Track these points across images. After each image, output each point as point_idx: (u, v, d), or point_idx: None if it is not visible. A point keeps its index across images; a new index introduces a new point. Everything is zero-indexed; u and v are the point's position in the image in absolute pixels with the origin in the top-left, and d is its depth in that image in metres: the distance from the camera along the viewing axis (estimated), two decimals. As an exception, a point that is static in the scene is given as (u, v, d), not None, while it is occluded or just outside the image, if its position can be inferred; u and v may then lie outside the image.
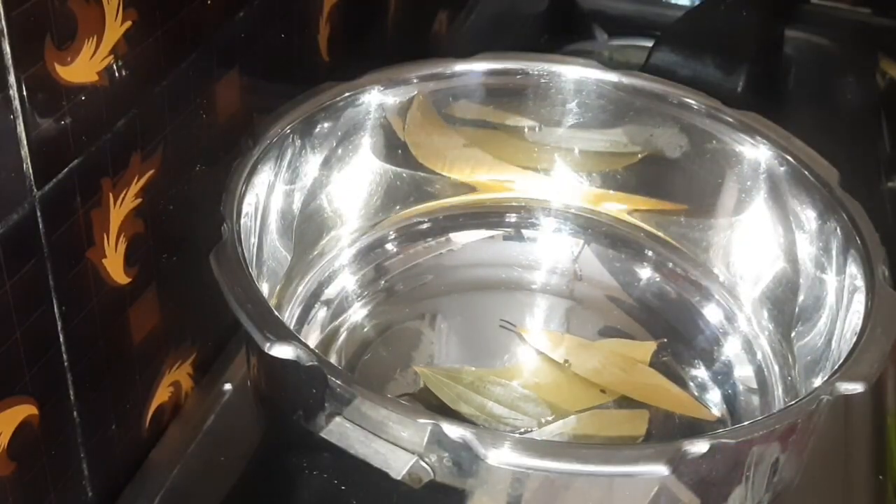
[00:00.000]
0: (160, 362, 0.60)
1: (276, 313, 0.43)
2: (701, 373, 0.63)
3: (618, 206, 0.71)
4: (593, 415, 0.60)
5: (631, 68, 0.70)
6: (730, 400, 0.61)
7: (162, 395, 0.61)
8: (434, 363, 0.62)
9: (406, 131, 0.67)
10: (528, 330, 0.66)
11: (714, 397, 0.62)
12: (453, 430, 0.38)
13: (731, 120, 0.64)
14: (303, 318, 0.63)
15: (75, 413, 0.52)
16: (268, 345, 0.41)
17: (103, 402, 0.55)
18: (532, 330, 0.66)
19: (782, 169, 0.61)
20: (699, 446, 0.39)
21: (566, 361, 0.63)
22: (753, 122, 0.64)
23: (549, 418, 0.59)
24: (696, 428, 0.60)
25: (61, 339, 0.49)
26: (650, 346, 0.65)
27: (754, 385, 0.61)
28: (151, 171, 0.53)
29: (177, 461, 0.59)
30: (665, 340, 0.65)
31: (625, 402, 0.61)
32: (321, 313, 0.63)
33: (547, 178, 0.72)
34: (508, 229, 0.71)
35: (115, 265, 0.52)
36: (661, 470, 0.38)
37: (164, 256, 0.57)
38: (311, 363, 0.40)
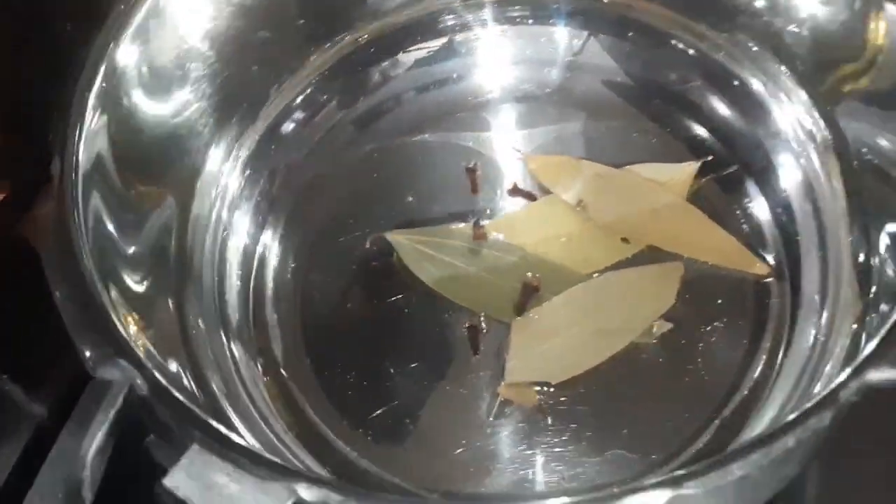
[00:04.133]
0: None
1: (113, 314, 0.33)
2: (754, 207, 0.51)
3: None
4: (609, 278, 0.49)
5: None
6: (789, 243, 0.50)
7: None
8: (405, 223, 0.52)
9: None
10: (533, 157, 0.54)
11: (770, 239, 0.50)
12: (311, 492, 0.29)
13: None
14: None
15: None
16: (90, 362, 0.32)
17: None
18: (532, 156, 0.54)
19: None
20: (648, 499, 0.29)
21: (580, 202, 0.52)
22: None
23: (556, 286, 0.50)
24: (742, 287, 0.49)
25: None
26: (689, 171, 0.52)
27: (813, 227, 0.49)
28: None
29: None
30: (710, 158, 0.53)
31: (653, 253, 0.50)
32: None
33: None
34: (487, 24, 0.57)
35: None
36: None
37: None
38: (143, 392, 0.31)
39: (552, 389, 0.47)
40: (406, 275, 0.50)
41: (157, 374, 0.32)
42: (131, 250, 0.42)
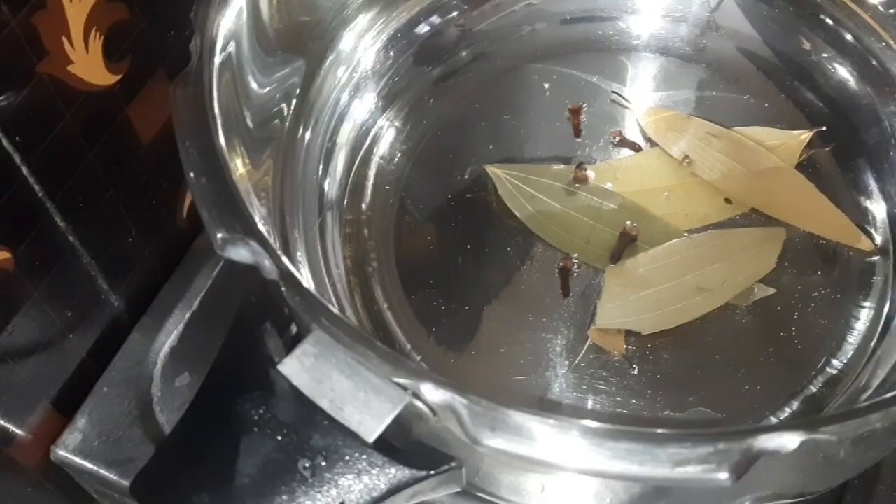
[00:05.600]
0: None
1: (243, 193, 0.33)
2: (865, 181, 0.50)
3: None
4: (710, 236, 0.49)
5: None
6: (896, 223, 0.49)
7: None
8: (506, 159, 0.52)
9: None
10: (639, 107, 0.54)
11: (878, 215, 0.50)
12: (437, 393, 0.29)
13: None
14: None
15: (71, 238, 0.47)
16: (220, 242, 0.32)
17: (108, 215, 0.49)
18: (643, 107, 0.54)
19: None
20: (783, 440, 0.29)
21: (685, 158, 0.51)
22: None
23: (654, 238, 0.49)
24: (845, 261, 0.48)
25: (25, 172, 0.42)
26: (801, 138, 0.52)
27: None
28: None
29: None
30: (824, 129, 0.52)
31: (756, 217, 0.50)
32: (359, 102, 0.53)
33: None
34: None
35: (90, 67, 0.44)
36: (721, 478, 0.28)
37: (168, 35, 0.48)
38: (272, 277, 0.31)
39: (640, 341, 0.46)
40: (501, 210, 0.50)
41: (285, 259, 0.32)
42: (257, 118, 0.42)
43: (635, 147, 0.53)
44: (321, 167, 0.50)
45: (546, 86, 0.54)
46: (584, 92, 0.54)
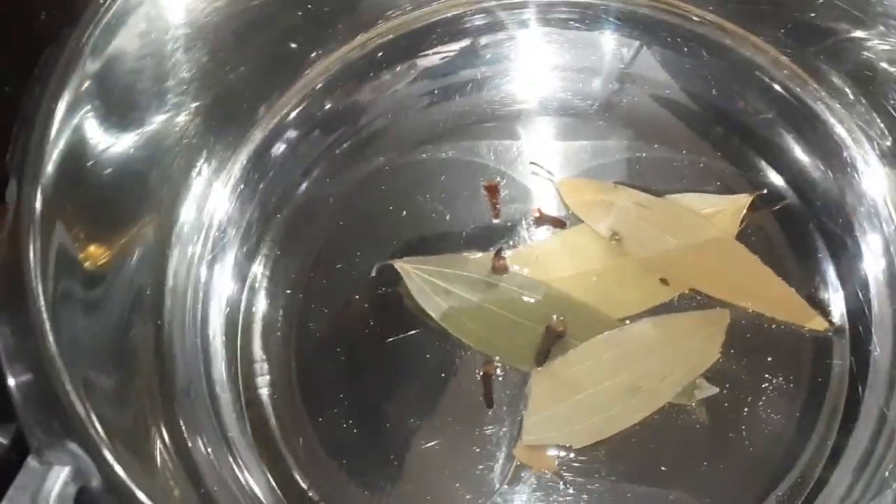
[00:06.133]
0: None
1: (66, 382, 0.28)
2: (815, 248, 0.45)
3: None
4: (644, 326, 0.44)
5: None
6: (853, 295, 0.44)
7: None
8: (415, 250, 0.46)
9: None
10: (564, 179, 0.48)
11: (832, 289, 0.45)
12: None
13: None
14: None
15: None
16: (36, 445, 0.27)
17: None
18: (565, 178, 0.48)
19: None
20: None
21: (615, 234, 0.46)
22: None
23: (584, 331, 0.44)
24: (797, 343, 0.43)
25: None
26: (740, 203, 0.46)
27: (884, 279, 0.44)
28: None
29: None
30: (765, 192, 0.47)
31: (697, 298, 0.45)
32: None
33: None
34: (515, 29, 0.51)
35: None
36: None
37: None
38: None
39: (574, 455, 0.42)
40: (415, 310, 0.45)
41: (115, 464, 0.27)
42: (97, 292, 0.37)
43: (559, 224, 0.48)
44: (199, 324, 0.45)
45: (452, 165, 0.48)
46: (496, 166, 0.48)
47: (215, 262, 0.46)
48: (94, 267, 0.37)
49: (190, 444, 0.39)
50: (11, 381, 0.28)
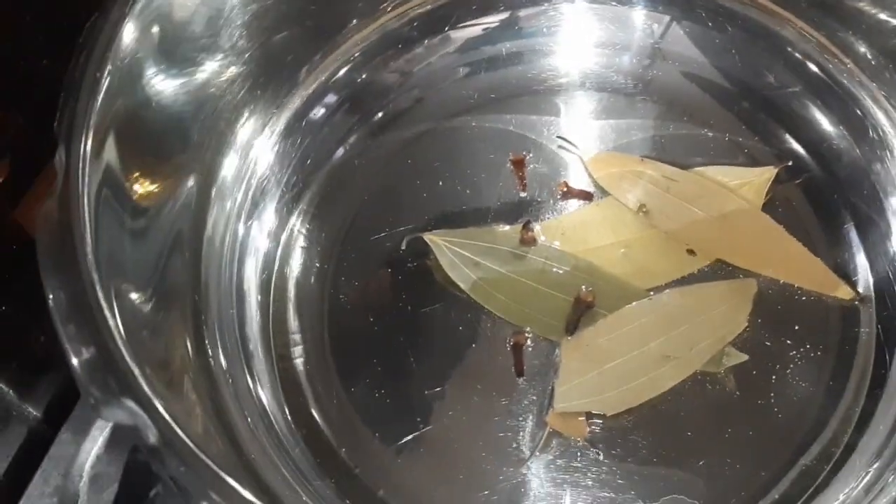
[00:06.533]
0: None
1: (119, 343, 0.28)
2: (841, 220, 0.46)
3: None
4: (672, 296, 0.44)
5: None
6: (877, 264, 0.45)
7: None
8: (445, 222, 0.47)
9: None
10: (587, 152, 0.49)
11: (857, 259, 0.45)
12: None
13: None
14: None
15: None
16: (93, 403, 0.27)
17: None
18: (591, 152, 0.49)
19: None
20: None
21: (641, 207, 0.47)
22: None
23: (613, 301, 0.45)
24: (824, 312, 0.44)
25: None
26: (766, 176, 0.47)
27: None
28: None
29: None
30: (790, 164, 0.47)
31: (723, 268, 0.45)
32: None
33: None
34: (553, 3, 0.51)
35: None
36: None
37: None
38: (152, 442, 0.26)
39: (605, 422, 0.42)
40: (444, 282, 0.46)
41: (170, 420, 0.28)
42: (142, 249, 0.37)
43: (586, 196, 0.48)
44: (234, 282, 0.45)
45: (482, 137, 0.49)
46: (526, 139, 0.49)
47: (251, 218, 0.47)
48: (140, 199, 0.38)
49: (225, 398, 0.40)
50: (66, 342, 0.28)
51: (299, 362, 0.44)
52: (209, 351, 0.40)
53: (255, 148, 0.48)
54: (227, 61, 0.44)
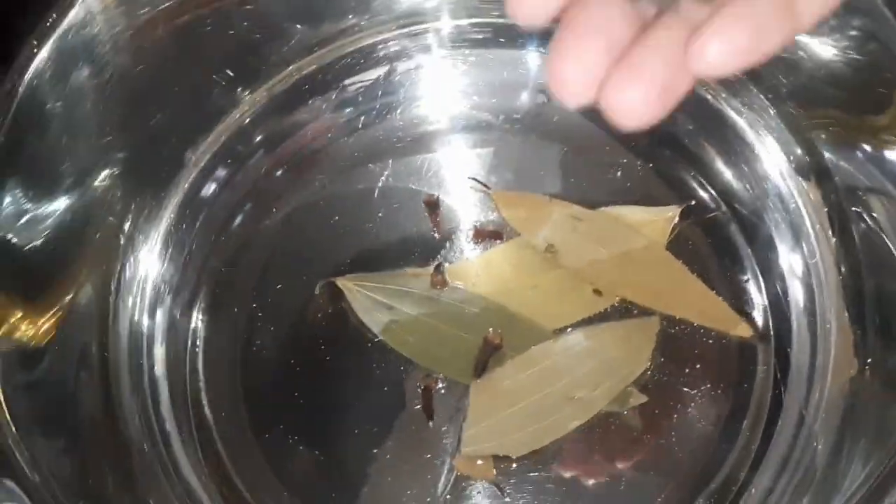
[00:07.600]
0: None
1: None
2: (741, 258, 0.47)
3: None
4: (577, 337, 0.45)
5: None
6: (776, 303, 0.46)
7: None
8: (358, 268, 0.48)
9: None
10: (500, 193, 0.49)
11: (756, 296, 0.46)
12: None
13: None
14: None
15: None
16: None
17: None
18: (501, 193, 0.49)
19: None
20: None
21: (550, 247, 0.48)
22: None
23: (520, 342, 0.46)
24: (724, 350, 0.45)
25: None
26: (669, 215, 0.48)
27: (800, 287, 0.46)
28: None
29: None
30: (693, 203, 0.49)
31: (628, 307, 0.46)
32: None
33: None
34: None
35: None
36: None
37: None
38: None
39: (513, 464, 0.43)
40: (358, 326, 0.46)
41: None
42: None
43: (497, 237, 0.49)
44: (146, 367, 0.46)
45: (391, 184, 0.49)
46: (439, 182, 0.50)
47: (156, 307, 0.48)
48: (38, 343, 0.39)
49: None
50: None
51: (209, 417, 0.45)
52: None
53: (150, 238, 0.48)
54: (99, 161, 0.44)
